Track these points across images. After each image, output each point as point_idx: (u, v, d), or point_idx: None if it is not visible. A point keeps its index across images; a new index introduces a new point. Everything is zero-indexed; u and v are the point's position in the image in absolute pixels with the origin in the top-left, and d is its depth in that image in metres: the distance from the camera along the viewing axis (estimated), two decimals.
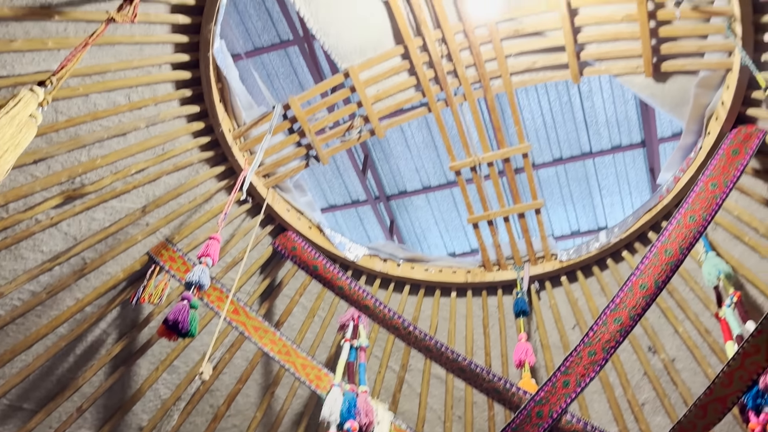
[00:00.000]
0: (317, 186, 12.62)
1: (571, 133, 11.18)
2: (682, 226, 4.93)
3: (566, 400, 4.91)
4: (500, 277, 6.51)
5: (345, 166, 12.05)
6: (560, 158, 11.54)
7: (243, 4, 10.04)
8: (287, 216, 6.13)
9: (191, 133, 5.41)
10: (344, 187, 12.49)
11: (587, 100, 10.54)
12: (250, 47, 10.73)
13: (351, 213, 12.93)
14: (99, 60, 4.65)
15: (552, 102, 10.80)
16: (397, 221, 12.96)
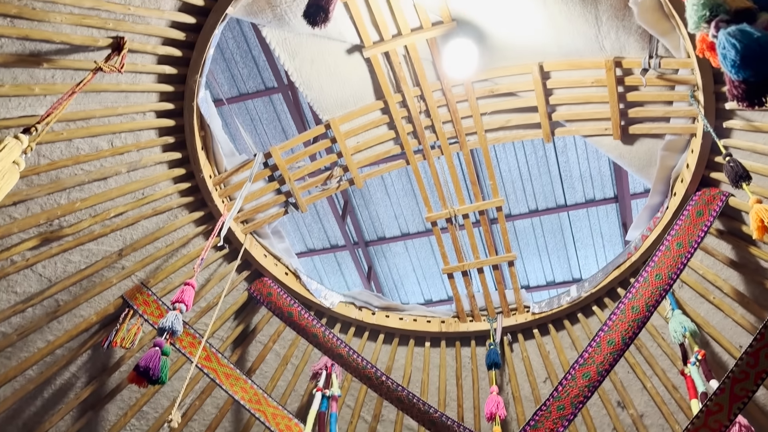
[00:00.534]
0: (296, 230, 12.67)
1: (546, 185, 11.44)
2: (648, 284, 5.08)
3: None
4: (474, 328, 6.58)
5: (325, 211, 12.15)
6: (536, 210, 11.77)
7: (230, 51, 10.26)
8: (264, 262, 6.17)
9: (172, 179, 5.48)
10: (323, 232, 12.56)
11: (562, 155, 10.83)
12: (235, 93, 10.91)
13: (329, 258, 12.98)
14: (84, 106, 4.74)
15: (528, 155, 11.07)
16: (375, 267, 13.02)
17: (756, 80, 2.39)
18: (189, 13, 4.60)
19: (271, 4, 4.82)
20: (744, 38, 2.37)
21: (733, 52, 2.37)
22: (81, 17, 4.20)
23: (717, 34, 2.55)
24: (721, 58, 2.45)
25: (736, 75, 2.39)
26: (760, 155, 4.76)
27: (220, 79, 11.00)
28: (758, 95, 2.42)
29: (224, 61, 10.81)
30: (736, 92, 2.45)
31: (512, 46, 5.25)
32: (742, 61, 2.35)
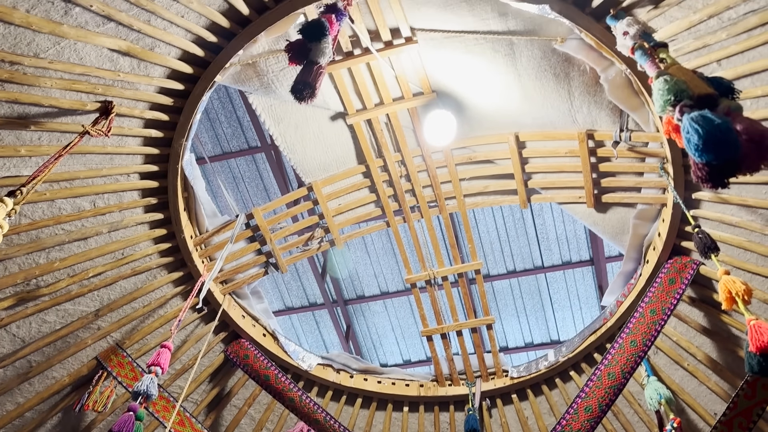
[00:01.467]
0: (275, 287, 12.60)
1: (523, 247, 11.59)
2: (624, 351, 5.15)
3: None
4: (453, 392, 6.55)
5: (304, 269, 12.13)
6: (513, 270, 11.88)
7: (214, 111, 10.43)
8: (242, 323, 6.14)
9: (152, 239, 5.50)
10: (302, 290, 12.51)
11: (538, 218, 11.03)
12: (218, 151, 11.03)
13: (307, 316, 12.88)
14: (69, 167, 4.79)
15: (506, 218, 11.26)
16: (354, 326, 12.93)
17: (718, 163, 2.55)
18: (178, 80, 4.72)
19: (258, 73, 4.98)
20: (706, 124, 2.54)
21: (696, 137, 2.53)
22: (71, 82, 4.29)
23: (681, 118, 2.73)
24: (685, 141, 2.61)
25: (699, 158, 2.55)
26: (728, 225, 4.94)
27: (204, 137, 11.14)
28: (721, 178, 2.57)
29: (209, 121, 10.98)
30: (700, 174, 2.60)
31: (489, 116, 5.45)
32: (704, 145, 2.51)
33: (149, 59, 4.45)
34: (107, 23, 4.12)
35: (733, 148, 2.47)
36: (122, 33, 4.22)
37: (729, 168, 2.53)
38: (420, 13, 4.71)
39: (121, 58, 4.39)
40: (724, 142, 2.47)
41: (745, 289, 3.74)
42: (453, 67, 5.07)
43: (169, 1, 4.16)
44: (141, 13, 4.16)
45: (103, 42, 4.18)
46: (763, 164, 2.54)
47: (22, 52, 3.95)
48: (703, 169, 2.57)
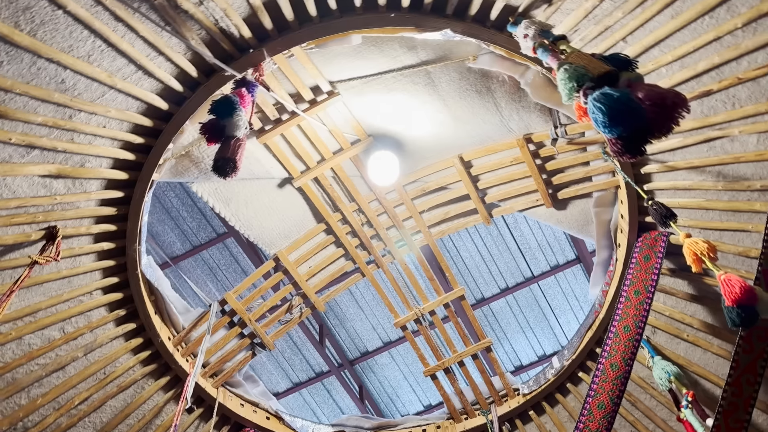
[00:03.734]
0: (278, 367, 12.40)
1: (509, 262, 11.60)
2: (620, 338, 5.09)
3: None
4: (471, 425, 6.41)
5: (302, 341, 11.98)
6: (506, 288, 11.84)
7: (175, 209, 10.45)
8: (242, 411, 6.00)
9: (131, 351, 5.40)
10: (305, 362, 12.32)
11: (515, 230, 11.07)
12: (188, 247, 10.99)
13: (317, 387, 12.65)
14: (29, 301, 4.73)
15: (484, 238, 11.29)
16: (366, 385, 12.70)
17: (629, 134, 2.59)
18: (116, 188, 4.73)
19: (194, 161, 5.02)
20: (607, 100, 2.60)
21: (601, 114, 2.58)
22: (9, 218, 4.28)
23: (587, 101, 2.79)
24: (593, 122, 2.66)
25: (609, 133, 2.59)
26: (684, 190, 4.99)
27: (170, 237, 11.11)
28: (636, 147, 2.61)
29: (171, 220, 10.98)
30: (615, 148, 2.64)
31: (428, 146, 5.52)
32: (610, 120, 2.56)
33: (82, 176, 4.47)
34: (31, 152, 4.14)
35: (637, 116, 2.52)
36: (48, 157, 4.24)
37: (640, 136, 2.57)
38: (334, 66, 4.81)
39: (54, 182, 4.40)
40: (627, 112, 2.52)
41: (707, 247, 3.76)
42: (380, 108, 5.16)
43: (87, 115, 4.20)
44: (62, 133, 4.19)
45: (32, 171, 4.19)
46: (672, 124, 2.60)
47: None
48: (616, 143, 2.62)
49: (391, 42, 4.61)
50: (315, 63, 4.75)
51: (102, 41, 3.87)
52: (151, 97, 4.34)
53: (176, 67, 4.29)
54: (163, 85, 4.34)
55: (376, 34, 4.36)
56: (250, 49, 4.30)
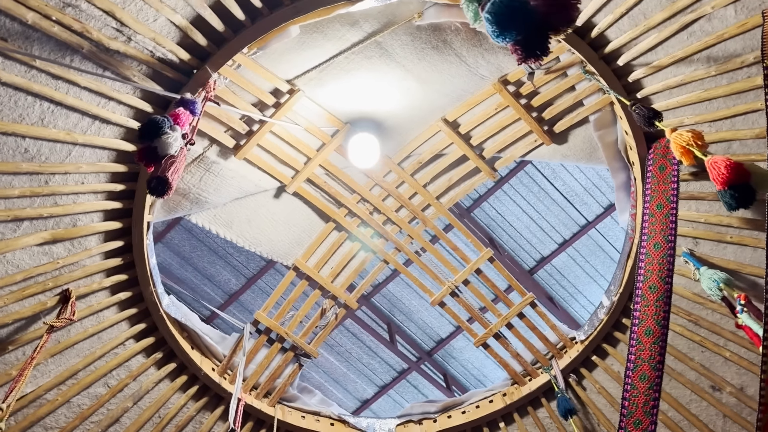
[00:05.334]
0: (360, 375, 12.47)
1: (560, 214, 11.21)
2: (652, 258, 4.78)
3: None
4: (536, 385, 6.17)
5: (375, 344, 11.99)
6: (564, 241, 11.44)
7: (221, 248, 10.74)
8: (305, 423, 6.02)
9: (179, 390, 5.52)
10: (385, 364, 12.32)
11: (556, 180, 10.69)
12: (243, 281, 11.31)
13: (404, 385, 12.61)
14: (66, 364, 4.92)
15: (526, 197, 10.97)
16: (450, 371, 12.56)
17: (525, 35, 2.40)
18: (114, 239, 4.85)
19: (184, 194, 5.09)
20: (493, 8, 2.42)
21: (492, 26, 2.41)
22: (21, 291, 4.47)
23: None
24: (492, 36, 2.49)
25: (506, 41, 2.42)
26: (679, 87, 4.64)
27: (225, 275, 11.39)
28: (534, 48, 2.42)
29: (221, 258, 11.27)
30: (518, 56, 2.46)
31: (407, 117, 5.39)
32: (500, 28, 2.39)
33: (78, 234, 4.61)
34: (21, 224, 4.31)
35: (525, 14, 2.33)
36: (39, 225, 4.40)
37: (537, 34, 2.38)
38: (284, 65, 4.77)
39: (53, 247, 4.56)
40: (513, 14, 2.34)
41: (692, 136, 3.48)
42: (346, 93, 5.08)
43: (62, 176, 4.33)
44: (44, 200, 4.34)
45: (27, 242, 4.36)
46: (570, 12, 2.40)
47: None
48: (516, 50, 2.43)
49: (331, 23, 4.53)
50: (265, 66, 4.72)
51: (48, 102, 3.99)
52: (116, 142, 4.43)
53: (130, 108, 4.36)
54: (125, 128, 4.42)
55: (311, 20, 4.29)
56: (194, 71, 4.32)
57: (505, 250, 11.78)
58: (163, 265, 11.35)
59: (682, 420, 5.66)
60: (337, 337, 12.08)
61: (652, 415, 4.49)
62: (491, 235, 11.70)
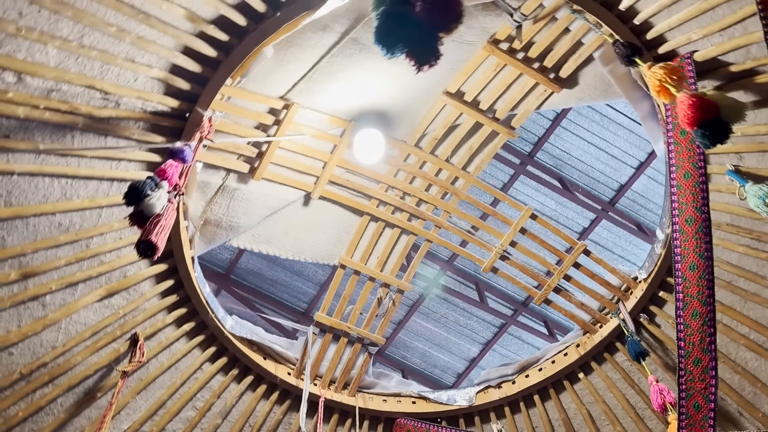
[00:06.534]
0: (461, 336, 12.63)
1: (629, 137, 10.73)
2: (684, 189, 4.52)
3: (708, 427, 4.29)
4: (607, 331, 6.04)
5: (468, 306, 12.09)
6: (641, 163, 10.93)
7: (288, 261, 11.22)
8: (387, 406, 6.27)
9: (262, 398, 5.90)
10: (483, 321, 12.42)
11: (617, 104, 10.20)
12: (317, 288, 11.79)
13: (506, 338, 12.66)
14: (152, 399, 5.42)
15: (588, 127, 10.60)
16: (550, 317, 12.44)
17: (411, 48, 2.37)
18: (165, 279, 5.23)
19: (217, 225, 5.40)
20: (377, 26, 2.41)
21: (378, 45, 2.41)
22: (94, 346, 4.97)
23: None
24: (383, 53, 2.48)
25: (395, 56, 2.40)
26: (676, 4, 4.28)
27: (311, 268, 11.86)
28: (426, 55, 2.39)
29: (295, 273, 11.79)
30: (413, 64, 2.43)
31: (408, 101, 5.35)
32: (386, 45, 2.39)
33: (130, 284, 5.02)
34: (76, 288, 4.77)
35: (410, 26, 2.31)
36: (93, 285, 4.85)
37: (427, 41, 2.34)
38: (272, 84, 4.88)
39: (111, 300, 5.00)
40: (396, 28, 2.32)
41: (665, 71, 3.24)
42: (340, 93, 5.12)
43: (99, 237, 4.72)
44: (90, 262, 4.76)
45: (87, 301, 4.82)
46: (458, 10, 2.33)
47: (42, 357, 4.69)
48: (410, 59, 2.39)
49: (302, 34, 4.57)
50: (254, 91, 4.86)
51: (65, 178, 4.36)
52: None
53: (140, 162, 4.67)
54: None
55: (282, 36, 4.37)
56: (187, 114, 4.54)
57: (579, 187, 11.40)
58: (254, 270, 12.00)
59: (766, 341, 5.34)
60: (430, 305, 12.29)
61: (711, 351, 4.32)
62: (560, 174, 11.37)
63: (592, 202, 11.28)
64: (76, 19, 3.75)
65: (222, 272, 11.89)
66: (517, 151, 10.92)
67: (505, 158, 10.78)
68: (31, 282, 4.53)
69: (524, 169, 10.99)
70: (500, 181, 11.28)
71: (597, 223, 11.39)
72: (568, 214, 11.53)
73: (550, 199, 11.39)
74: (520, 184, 11.29)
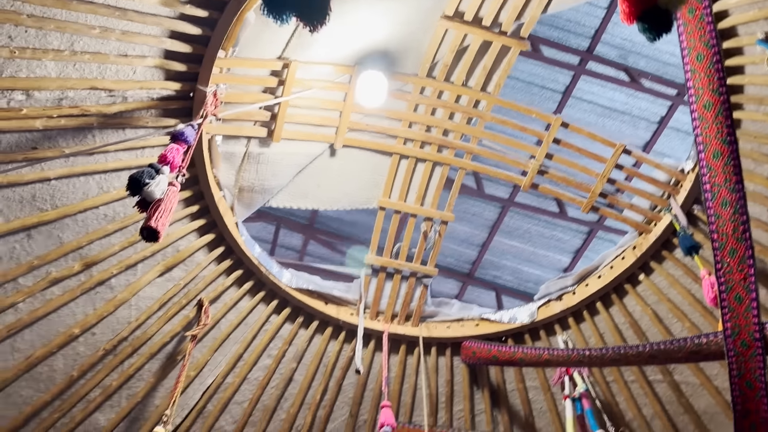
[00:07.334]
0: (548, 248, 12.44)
1: None
2: (699, 72, 4.19)
3: (752, 317, 4.12)
4: (661, 227, 5.80)
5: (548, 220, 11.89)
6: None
7: None
8: (451, 332, 6.48)
9: (330, 338, 6.30)
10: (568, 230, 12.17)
11: None
12: None
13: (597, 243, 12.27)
14: (230, 353, 5.96)
15: None
16: None
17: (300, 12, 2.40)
18: (216, 247, 5.63)
19: (251, 190, 5.69)
20: None
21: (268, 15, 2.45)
22: (165, 317, 5.51)
23: None
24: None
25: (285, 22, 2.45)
26: None
27: None
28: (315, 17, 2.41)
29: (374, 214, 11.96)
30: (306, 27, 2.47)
31: (407, 33, 5.24)
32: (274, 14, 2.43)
33: (185, 256, 5.45)
34: (136, 268, 5.29)
35: None
36: (150, 263, 5.33)
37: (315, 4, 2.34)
38: (266, 47, 4.98)
39: (171, 273, 5.49)
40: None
41: None
42: (335, 41, 5.12)
43: None
44: (143, 243, 5.25)
45: (149, 278, 5.33)
46: None
47: (120, 332, 5.29)
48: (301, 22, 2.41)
49: None
50: (250, 58, 5.00)
51: (97, 174, 4.79)
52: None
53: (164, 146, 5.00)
54: None
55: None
56: (191, 93, 4.78)
57: (648, 74, 10.66)
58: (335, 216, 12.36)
59: None
60: (510, 222, 12.18)
61: (745, 239, 4.11)
62: (626, 65, 10.66)
63: (665, 87, 10.52)
64: (61, 30, 4.04)
65: (306, 223, 12.43)
66: (574, 49, 10.32)
67: (561, 61, 10.25)
68: (94, 270, 5.09)
69: (584, 68, 10.40)
70: (562, 85, 10.76)
71: (674, 109, 10.64)
72: (641, 105, 10.84)
73: (618, 93, 10.73)
74: (584, 84, 10.71)
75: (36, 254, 4.75)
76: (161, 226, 3.56)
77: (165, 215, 3.62)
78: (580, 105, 10.82)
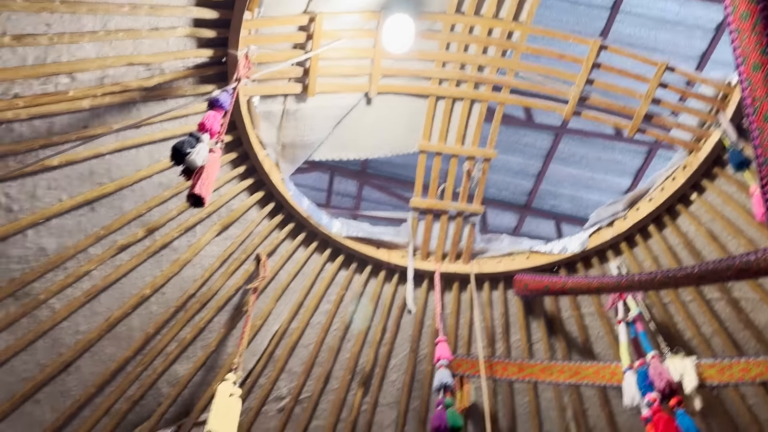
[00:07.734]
0: (607, 172, 12.15)
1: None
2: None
3: None
4: (710, 145, 5.62)
5: (607, 142, 11.60)
6: None
7: None
8: (502, 266, 6.59)
9: (384, 282, 6.55)
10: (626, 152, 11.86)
11: None
12: None
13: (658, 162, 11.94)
14: (291, 302, 6.31)
15: None
16: None
17: None
18: (267, 203, 5.89)
19: (293, 146, 5.83)
20: None
21: None
22: (226, 272, 5.87)
23: None
24: None
25: None
26: None
27: None
28: None
29: None
30: None
31: None
32: None
33: (238, 215, 5.74)
34: (195, 230, 5.61)
35: None
36: (207, 224, 5.65)
37: None
38: (288, 5, 5.04)
39: (227, 231, 5.80)
40: None
41: None
42: None
43: None
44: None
45: (207, 238, 5.65)
46: None
47: (188, 290, 5.69)
48: None
49: None
50: (275, 16, 5.07)
51: (146, 145, 5.06)
52: None
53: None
54: None
55: None
56: (224, 58, 4.93)
57: None
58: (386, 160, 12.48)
59: None
60: (564, 149, 11.95)
61: None
62: None
63: None
64: (93, 12, 4.23)
65: (358, 169, 12.62)
66: None
67: None
68: (156, 234, 5.45)
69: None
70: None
71: None
72: (695, 13, 10.25)
73: (670, 2, 10.17)
74: None
75: (101, 225, 5.12)
76: (205, 192, 3.79)
77: (208, 181, 3.84)
78: (629, 20, 10.29)
